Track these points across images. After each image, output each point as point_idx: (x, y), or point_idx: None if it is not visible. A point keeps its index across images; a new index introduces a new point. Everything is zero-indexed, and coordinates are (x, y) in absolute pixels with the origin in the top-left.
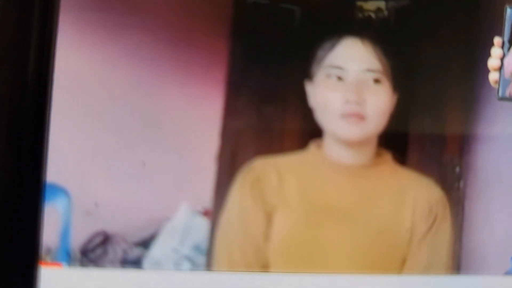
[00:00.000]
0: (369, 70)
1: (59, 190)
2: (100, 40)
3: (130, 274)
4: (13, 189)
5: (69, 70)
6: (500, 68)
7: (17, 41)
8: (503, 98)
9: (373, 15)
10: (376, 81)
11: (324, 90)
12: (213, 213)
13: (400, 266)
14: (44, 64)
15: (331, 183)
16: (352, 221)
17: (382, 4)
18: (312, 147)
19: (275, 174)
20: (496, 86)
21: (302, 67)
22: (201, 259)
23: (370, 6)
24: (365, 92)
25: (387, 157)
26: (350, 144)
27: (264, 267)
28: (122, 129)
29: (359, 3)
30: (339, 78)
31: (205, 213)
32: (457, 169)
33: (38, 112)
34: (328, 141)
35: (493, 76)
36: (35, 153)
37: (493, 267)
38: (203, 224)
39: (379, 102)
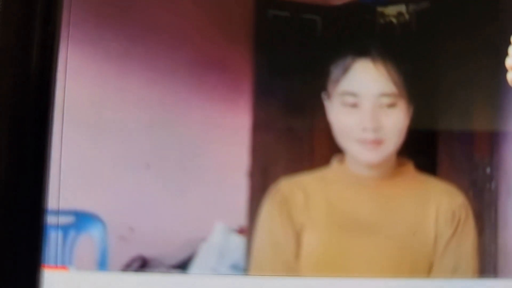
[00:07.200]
0: (384, 95)
1: (93, 218)
2: (109, 58)
3: (135, 275)
4: (15, 191)
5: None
6: None
7: (19, 42)
8: None
9: (394, 20)
10: (392, 105)
11: (340, 116)
12: (248, 231)
13: (427, 272)
14: (47, 67)
15: (356, 197)
16: (379, 232)
17: (402, 8)
18: (335, 163)
19: (301, 192)
20: None
21: (325, 78)
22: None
23: (390, 11)
24: (382, 117)
25: (409, 165)
26: (370, 165)
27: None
28: (147, 150)
29: (379, 9)
30: (354, 105)
31: (241, 231)
32: (488, 169)
33: (41, 125)
34: (349, 158)
35: (510, 76)
36: (37, 158)
37: None
38: (239, 242)
39: (396, 124)
